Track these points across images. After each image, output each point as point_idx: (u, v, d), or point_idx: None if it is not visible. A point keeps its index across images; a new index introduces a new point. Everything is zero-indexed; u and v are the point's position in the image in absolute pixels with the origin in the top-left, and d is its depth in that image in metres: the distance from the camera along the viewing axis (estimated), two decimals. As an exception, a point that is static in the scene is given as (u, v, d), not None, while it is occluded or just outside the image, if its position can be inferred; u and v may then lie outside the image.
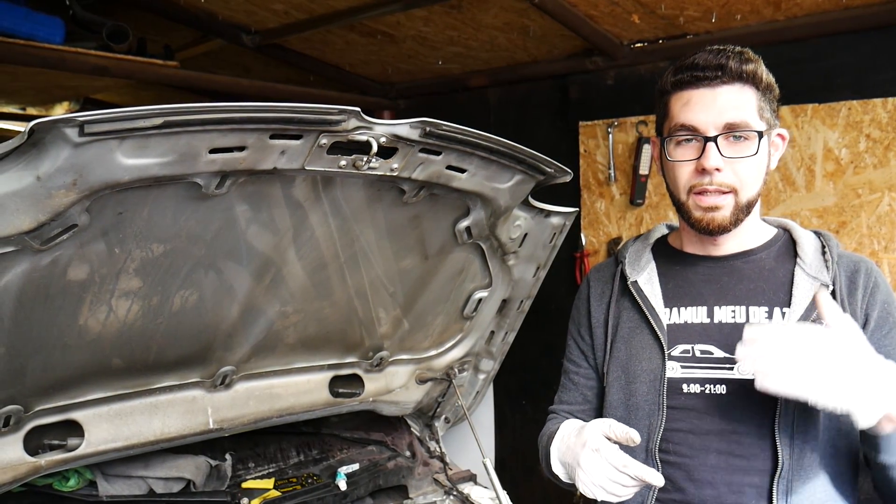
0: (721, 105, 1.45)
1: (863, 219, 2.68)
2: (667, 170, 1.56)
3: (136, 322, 1.71)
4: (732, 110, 1.45)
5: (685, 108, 1.48)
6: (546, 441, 1.65)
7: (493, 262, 2.18)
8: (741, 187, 1.48)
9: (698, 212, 1.50)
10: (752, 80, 1.47)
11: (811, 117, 2.74)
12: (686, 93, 1.49)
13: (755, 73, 1.47)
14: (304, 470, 2.39)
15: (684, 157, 1.49)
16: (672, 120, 1.51)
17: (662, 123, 1.57)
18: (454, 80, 3.73)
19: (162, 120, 1.28)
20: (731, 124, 1.45)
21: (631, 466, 1.35)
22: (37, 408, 1.73)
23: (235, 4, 2.91)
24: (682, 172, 1.50)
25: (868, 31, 2.60)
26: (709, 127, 1.45)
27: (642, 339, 1.61)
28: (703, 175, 1.47)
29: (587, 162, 3.37)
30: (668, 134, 1.52)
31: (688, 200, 1.51)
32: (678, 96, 1.50)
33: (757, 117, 1.47)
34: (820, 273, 1.51)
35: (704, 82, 1.46)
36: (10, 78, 3.14)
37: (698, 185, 1.48)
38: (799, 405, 1.44)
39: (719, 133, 1.45)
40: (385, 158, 1.61)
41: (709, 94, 1.46)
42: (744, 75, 1.46)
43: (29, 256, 1.40)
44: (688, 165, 1.49)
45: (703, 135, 1.46)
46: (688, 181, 1.50)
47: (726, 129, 1.45)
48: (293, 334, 2.07)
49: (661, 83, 1.56)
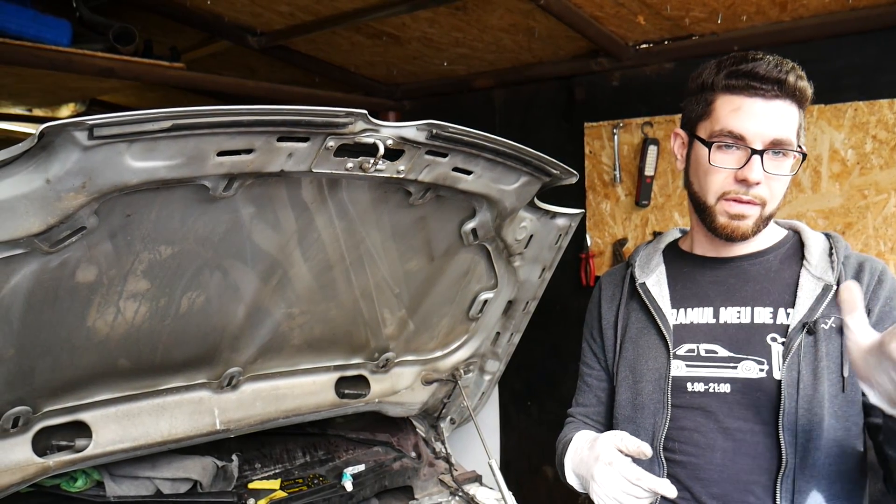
0: (772, 120, 1.44)
1: (869, 220, 2.67)
2: (700, 171, 1.54)
3: (143, 323, 1.72)
4: (781, 127, 1.45)
5: (734, 114, 1.46)
6: (561, 450, 1.67)
7: (499, 263, 2.18)
8: (770, 201, 1.49)
9: (724, 218, 1.51)
10: (801, 99, 1.46)
11: (817, 118, 2.73)
12: (738, 98, 1.46)
13: (805, 91, 1.46)
14: (310, 471, 2.39)
15: (725, 164, 1.48)
16: (717, 123, 1.49)
17: (700, 121, 1.54)
18: (459, 81, 3.74)
19: (170, 123, 1.29)
20: (778, 141, 1.45)
21: (644, 479, 1.37)
22: (45, 409, 1.74)
23: (241, 6, 2.92)
24: (718, 178, 1.50)
25: (874, 31, 2.59)
26: (756, 139, 1.45)
27: (649, 339, 1.63)
28: (740, 184, 1.47)
29: (592, 163, 3.37)
30: (711, 137, 1.50)
31: (716, 205, 1.51)
32: (728, 100, 1.48)
33: (796, 136, 1.48)
34: (825, 273, 1.52)
35: (760, 93, 1.44)
36: (17, 79, 3.15)
37: (733, 192, 1.48)
38: (804, 404, 1.45)
39: (765, 147, 1.45)
40: (391, 160, 1.61)
41: (762, 105, 1.45)
42: (797, 93, 1.45)
43: (38, 258, 1.40)
44: (726, 172, 1.48)
45: (749, 146, 1.45)
46: (721, 187, 1.49)
47: (772, 145, 1.45)
48: (299, 335, 2.07)
49: (705, 78, 1.52)
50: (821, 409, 1.45)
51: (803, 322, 1.48)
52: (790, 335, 1.49)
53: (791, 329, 1.49)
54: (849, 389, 1.47)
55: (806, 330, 1.48)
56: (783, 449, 1.45)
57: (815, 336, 1.48)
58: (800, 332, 1.48)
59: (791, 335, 1.49)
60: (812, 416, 1.45)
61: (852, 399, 1.48)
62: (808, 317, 1.49)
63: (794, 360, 1.47)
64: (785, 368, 1.47)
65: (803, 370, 1.47)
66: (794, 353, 1.47)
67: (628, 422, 1.65)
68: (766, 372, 1.50)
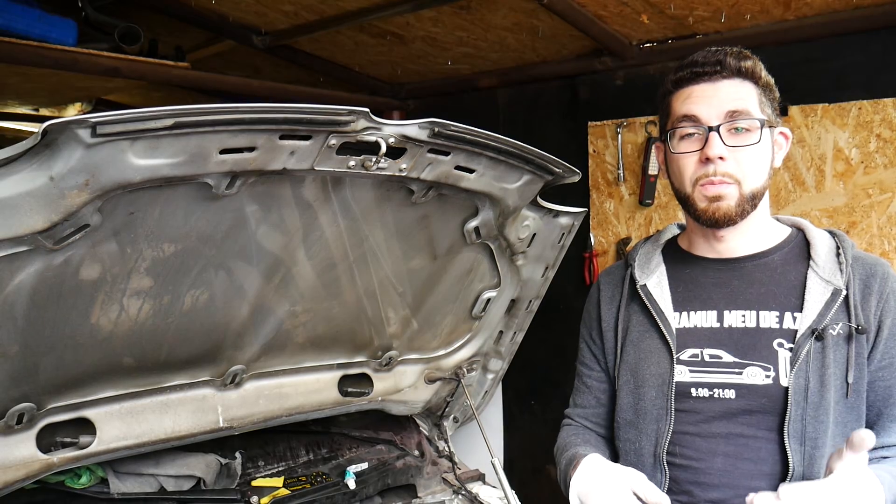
0: (722, 96, 1.47)
1: (873, 219, 2.67)
2: (671, 164, 1.56)
3: (147, 321, 1.72)
4: (733, 100, 1.47)
5: (686, 101, 1.51)
6: (565, 465, 1.64)
7: (502, 262, 2.18)
8: (744, 178, 1.47)
9: (703, 202, 1.50)
10: (751, 76, 1.49)
11: (821, 117, 2.73)
12: (687, 89, 1.51)
13: (753, 69, 1.49)
14: (313, 468, 2.40)
15: (688, 149, 1.50)
16: (674, 115, 1.53)
17: (665, 123, 1.58)
18: (463, 80, 3.74)
19: (173, 121, 1.29)
20: (733, 111, 1.46)
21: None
22: (49, 406, 1.75)
23: (246, 6, 2.93)
24: (687, 164, 1.51)
25: (879, 30, 2.58)
26: (711, 117, 1.47)
27: (651, 343, 1.61)
28: (707, 165, 1.47)
29: (596, 162, 3.37)
30: (671, 127, 1.53)
31: (693, 192, 1.51)
32: (679, 93, 1.53)
33: (758, 109, 1.48)
34: (833, 277, 1.49)
35: (704, 77, 1.49)
36: (23, 79, 3.16)
37: (703, 176, 1.48)
38: (811, 412, 1.44)
39: (721, 122, 1.46)
40: (394, 159, 1.61)
41: (709, 87, 1.49)
42: (742, 70, 1.48)
43: (42, 256, 1.41)
44: (691, 157, 1.50)
45: (705, 124, 1.47)
46: (693, 173, 1.50)
47: (728, 118, 1.46)
48: (303, 334, 2.08)
49: (662, 88, 1.58)
50: (827, 417, 1.44)
51: (812, 328, 1.45)
52: (798, 342, 1.46)
53: (799, 335, 1.46)
54: (852, 396, 1.46)
55: (815, 336, 1.45)
56: (790, 457, 1.44)
57: (823, 342, 1.45)
58: (808, 339, 1.45)
59: (799, 342, 1.46)
60: (818, 423, 1.44)
61: (853, 405, 1.47)
62: (817, 323, 1.45)
63: (803, 368, 1.45)
64: (792, 376, 1.44)
65: (811, 377, 1.44)
66: (803, 360, 1.45)
67: (630, 426, 1.63)
68: (772, 378, 1.47)
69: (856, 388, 1.46)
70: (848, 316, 1.46)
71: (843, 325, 1.46)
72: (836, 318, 1.46)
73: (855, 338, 1.45)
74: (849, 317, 1.46)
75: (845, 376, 1.45)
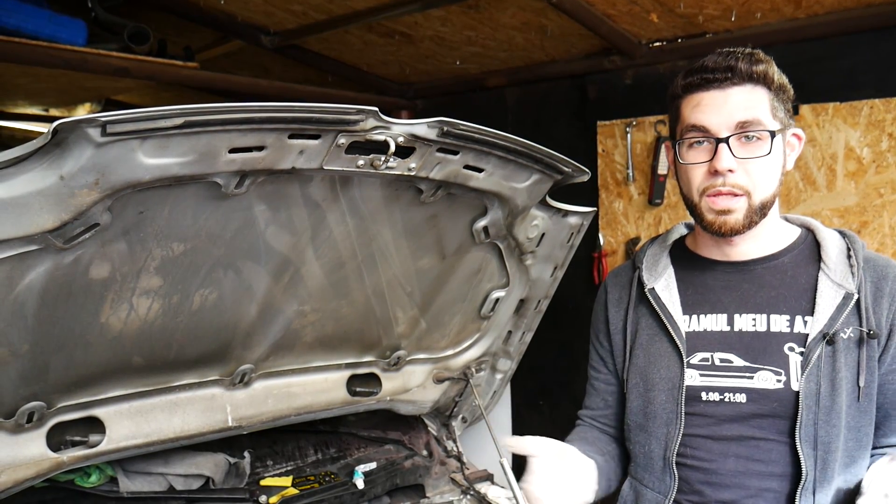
0: (732, 105, 1.43)
1: (885, 219, 2.65)
2: (680, 173, 1.54)
3: (156, 320, 1.73)
4: (744, 110, 1.43)
5: (696, 110, 1.47)
6: None
7: (511, 261, 2.18)
8: (754, 189, 1.45)
9: (711, 215, 1.48)
10: (764, 81, 1.45)
11: (832, 116, 2.71)
12: (696, 95, 1.47)
13: (766, 73, 1.44)
14: (321, 468, 2.40)
15: (696, 160, 1.48)
16: (683, 122, 1.50)
17: (675, 128, 1.55)
18: (472, 79, 3.74)
19: (182, 120, 1.29)
20: (743, 122, 1.43)
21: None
22: (59, 404, 1.76)
23: (254, 6, 2.93)
24: (695, 175, 1.49)
25: (890, 28, 2.57)
26: (720, 128, 1.44)
27: (661, 346, 1.60)
28: (715, 177, 1.45)
29: (605, 161, 3.36)
30: (680, 136, 1.51)
31: (700, 203, 1.49)
32: (689, 99, 1.49)
33: (770, 117, 1.45)
34: (845, 280, 1.47)
35: (714, 84, 1.45)
36: (33, 79, 3.18)
37: (711, 187, 1.46)
38: (823, 416, 1.43)
39: (731, 134, 1.43)
40: (403, 158, 1.61)
41: (719, 95, 1.45)
42: (754, 76, 1.44)
43: (52, 255, 1.41)
44: (700, 168, 1.47)
45: (714, 136, 1.44)
46: (700, 183, 1.48)
47: (738, 129, 1.43)
48: (311, 333, 2.08)
49: (671, 89, 1.55)
50: (839, 421, 1.43)
51: (823, 332, 1.44)
52: (809, 346, 1.45)
53: (810, 339, 1.45)
54: (863, 399, 1.45)
55: (826, 341, 1.44)
56: (802, 461, 1.43)
57: (834, 346, 1.44)
58: (819, 343, 1.44)
59: (810, 346, 1.45)
60: (831, 427, 1.43)
61: (865, 409, 1.46)
62: (828, 327, 1.44)
63: (814, 372, 1.44)
64: (804, 380, 1.44)
65: (822, 382, 1.43)
66: (814, 364, 1.44)
67: (640, 429, 1.62)
68: (783, 383, 1.46)
69: (867, 392, 1.45)
70: (859, 320, 1.45)
71: (854, 329, 1.45)
72: (848, 322, 1.45)
73: (866, 341, 1.44)
74: (860, 321, 1.45)
75: (856, 380, 1.44)
